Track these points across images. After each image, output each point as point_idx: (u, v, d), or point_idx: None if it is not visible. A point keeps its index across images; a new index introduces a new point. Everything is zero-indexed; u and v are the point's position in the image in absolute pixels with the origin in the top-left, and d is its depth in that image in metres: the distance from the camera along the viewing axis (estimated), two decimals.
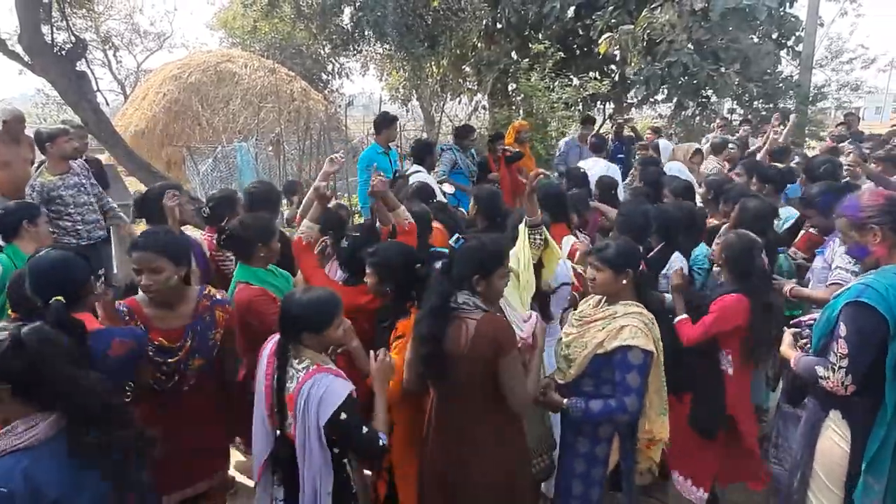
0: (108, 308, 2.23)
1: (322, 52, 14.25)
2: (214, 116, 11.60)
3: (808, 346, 2.33)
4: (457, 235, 2.23)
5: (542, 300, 3.04)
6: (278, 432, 2.10)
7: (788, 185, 4.67)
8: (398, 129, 5.92)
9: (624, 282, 2.42)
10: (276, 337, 2.16)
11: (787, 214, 3.94)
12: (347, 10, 11.13)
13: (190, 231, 3.85)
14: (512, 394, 2.08)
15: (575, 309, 2.86)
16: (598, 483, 2.50)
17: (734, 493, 3.21)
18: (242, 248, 2.85)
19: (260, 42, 14.40)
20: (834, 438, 2.14)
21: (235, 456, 3.31)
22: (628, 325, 2.31)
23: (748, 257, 2.84)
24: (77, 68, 7.69)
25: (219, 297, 2.53)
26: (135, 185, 8.72)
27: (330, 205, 3.35)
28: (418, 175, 5.17)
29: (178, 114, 12.25)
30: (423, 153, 5.67)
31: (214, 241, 3.31)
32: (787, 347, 2.44)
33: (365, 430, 2.04)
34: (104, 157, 11.34)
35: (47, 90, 17.11)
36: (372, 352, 2.25)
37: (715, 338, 2.85)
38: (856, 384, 2.04)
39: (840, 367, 2.05)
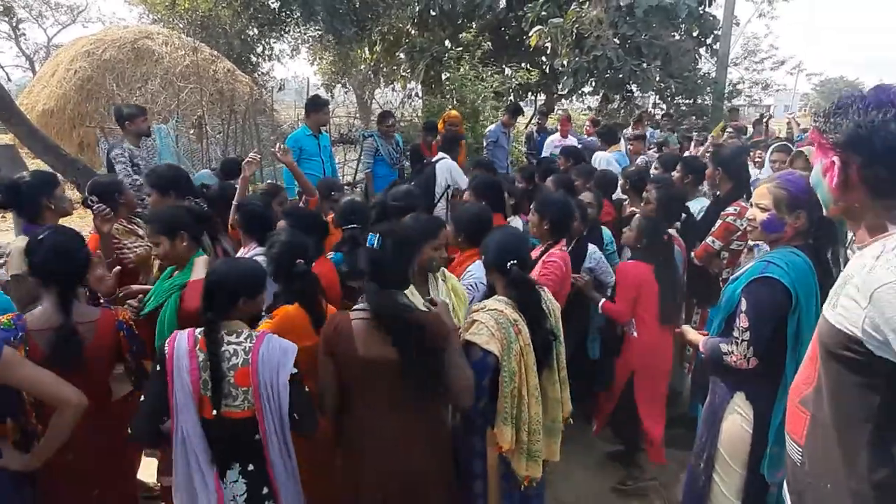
0: None
1: (250, 32, 13.74)
2: (131, 96, 10.91)
3: None
4: (372, 235, 2.08)
5: None
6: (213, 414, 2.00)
7: None
8: (329, 115, 5.79)
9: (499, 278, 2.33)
10: (183, 333, 2.07)
11: (702, 205, 4.13)
12: None
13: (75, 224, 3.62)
14: (459, 383, 2.01)
15: None
16: (480, 476, 2.32)
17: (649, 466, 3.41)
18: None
19: (183, 19, 13.71)
20: (737, 420, 2.23)
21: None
22: (477, 321, 2.20)
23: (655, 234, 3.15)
24: None
25: None
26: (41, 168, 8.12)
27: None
28: (443, 162, 5.28)
29: (91, 93, 11.48)
30: (450, 144, 5.71)
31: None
32: (693, 334, 2.53)
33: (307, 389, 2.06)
34: (7, 138, 10.55)
35: None
36: None
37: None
38: (758, 357, 2.12)
39: (742, 341, 2.12)
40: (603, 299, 3.31)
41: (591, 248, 3.62)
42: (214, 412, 1.96)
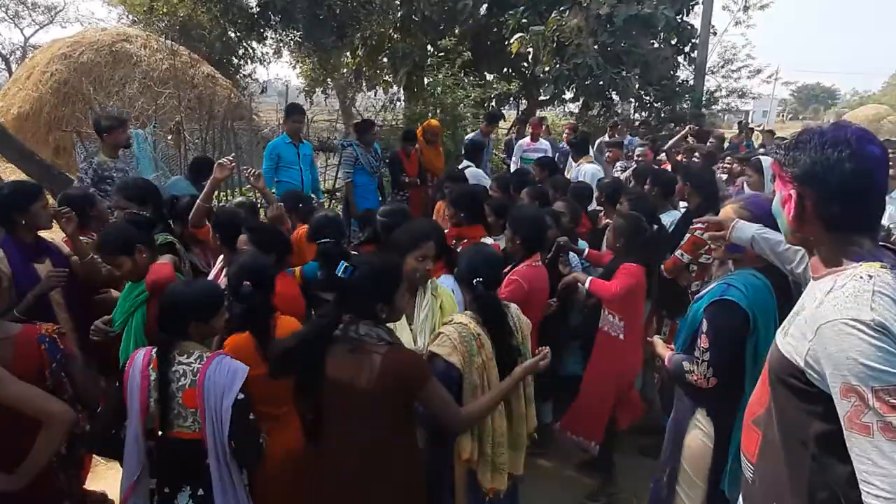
0: None
1: (231, 35, 13.67)
2: (108, 100, 10.80)
3: None
4: (343, 264, 1.98)
5: None
6: (157, 435, 2.03)
7: None
8: (306, 121, 5.75)
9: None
10: (142, 351, 2.10)
11: (673, 218, 4.20)
12: None
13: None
14: (448, 419, 2.02)
15: None
16: (448, 489, 2.33)
17: (621, 477, 3.48)
18: None
19: (162, 22, 13.59)
20: (699, 435, 2.27)
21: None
22: (442, 333, 2.22)
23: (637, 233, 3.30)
24: None
25: None
26: (13, 175, 8.01)
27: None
28: (469, 171, 5.33)
29: (68, 96, 11.31)
30: (475, 152, 5.76)
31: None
32: (661, 348, 2.55)
33: (252, 417, 2.04)
34: None
35: None
36: None
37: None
38: (717, 377, 2.17)
39: (703, 361, 2.17)
40: (590, 278, 3.37)
41: (570, 254, 3.72)
42: (160, 432, 2.00)
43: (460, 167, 5.51)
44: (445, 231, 3.04)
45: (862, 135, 1.33)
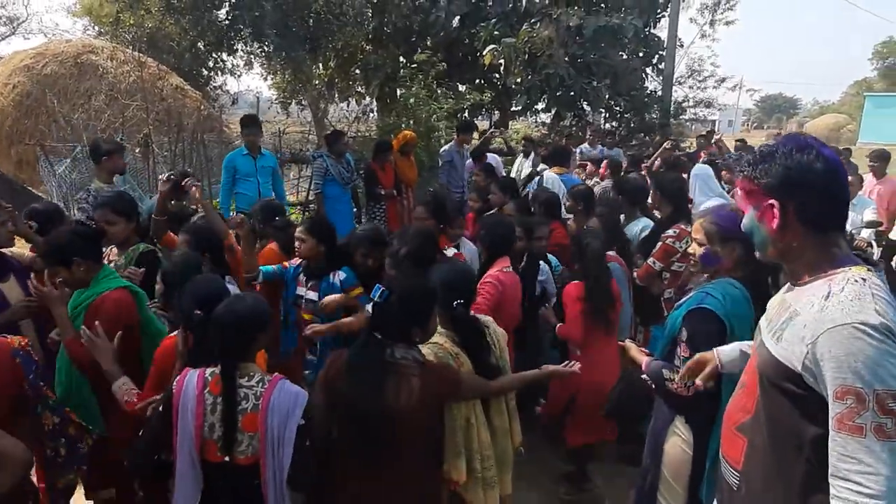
0: None
1: (201, 47, 13.51)
2: (73, 113, 10.56)
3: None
4: (379, 287, 2.00)
5: None
6: (225, 460, 1.95)
7: None
8: (254, 135, 5.65)
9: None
10: (193, 374, 2.00)
11: (643, 224, 4.24)
12: (223, 6, 10.60)
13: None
14: (486, 393, 2.21)
15: None
16: None
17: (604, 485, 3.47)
18: None
19: (130, 33, 13.38)
20: (678, 442, 2.28)
21: None
22: None
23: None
24: None
25: None
26: None
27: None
28: (547, 173, 5.52)
29: (31, 109, 11.02)
30: (558, 155, 5.97)
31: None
32: (635, 351, 2.56)
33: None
34: None
35: None
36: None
37: None
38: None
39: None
40: (559, 324, 3.40)
41: (542, 265, 3.73)
42: (226, 458, 1.92)
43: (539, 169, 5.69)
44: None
45: (818, 141, 1.42)
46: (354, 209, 6.67)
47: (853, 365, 1.21)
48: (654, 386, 2.36)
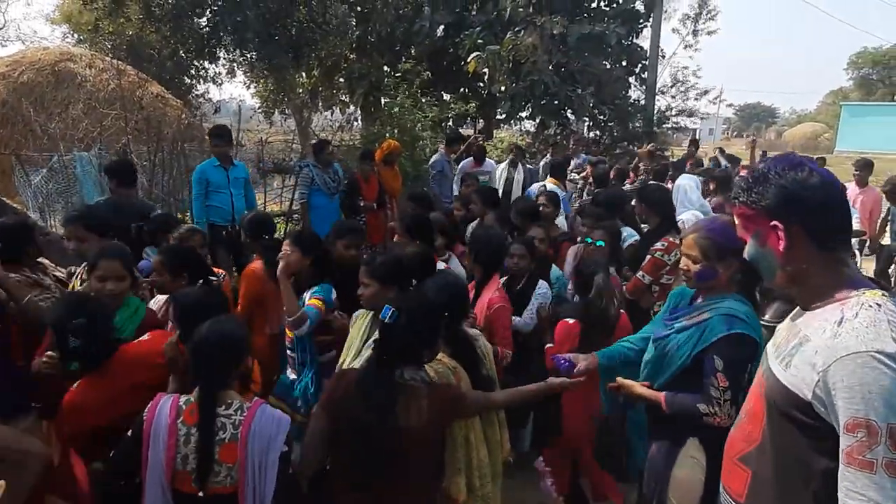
0: None
1: (182, 55, 13.35)
2: (50, 122, 10.34)
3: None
4: (388, 308, 1.95)
5: None
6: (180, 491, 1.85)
7: None
8: (222, 147, 5.49)
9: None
10: (166, 402, 1.90)
11: (626, 234, 4.21)
12: (205, 13, 10.48)
13: None
14: (489, 409, 2.22)
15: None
16: None
17: None
18: None
19: (109, 41, 13.18)
20: (692, 466, 2.14)
21: None
22: None
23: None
24: None
25: None
26: None
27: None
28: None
29: (6, 118, 10.78)
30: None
31: None
32: (641, 389, 2.32)
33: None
34: None
35: None
36: None
37: None
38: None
39: (725, 401, 2.02)
40: (549, 345, 3.22)
41: (541, 283, 3.56)
42: (200, 493, 1.82)
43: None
44: None
45: (807, 158, 1.41)
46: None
47: (867, 396, 1.14)
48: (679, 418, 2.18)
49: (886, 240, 5.91)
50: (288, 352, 3.16)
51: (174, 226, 3.63)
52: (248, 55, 11.47)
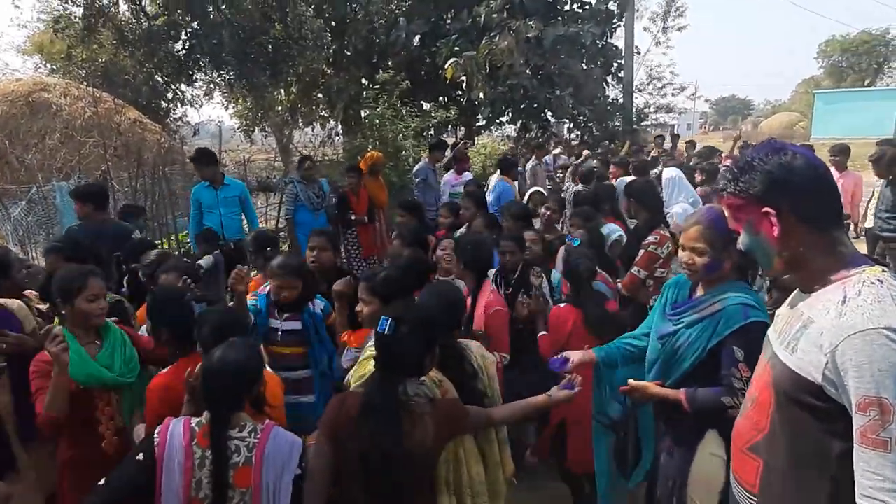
0: None
1: (158, 79, 13.26)
2: (27, 153, 10.20)
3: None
4: (385, 319, 1.89)
5: None
6: None
7: None
8: (206, 169, 5.54)
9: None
10: (178, 423, 1.84)
11: (609, 230, 4.20)
12: (180, 37, 10.43)
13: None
14: (490, 424, 2.12)
15: None
16: None
17: None
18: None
19: (83, 68, 13.06)
20: (712, 459, 2.10)
21: None
22: None
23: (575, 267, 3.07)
24: None
25: None
26: None
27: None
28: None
29: None
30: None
31: None
32: (657, 389, 2.23)
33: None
34: None
35: None
36: None
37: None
38: None
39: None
40: (543, 332, 3.24)
41: (535, 269, 3.57)
42: None
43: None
44: None
45: (786, 142, 1.41)
46: None
47: (877, 374, 1.13)
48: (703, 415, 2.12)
49: (869, 222, 5.96)
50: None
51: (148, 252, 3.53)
52: (226, 76, 11.43)
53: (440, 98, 14.00)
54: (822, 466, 1.27)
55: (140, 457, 1.79)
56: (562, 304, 3.11)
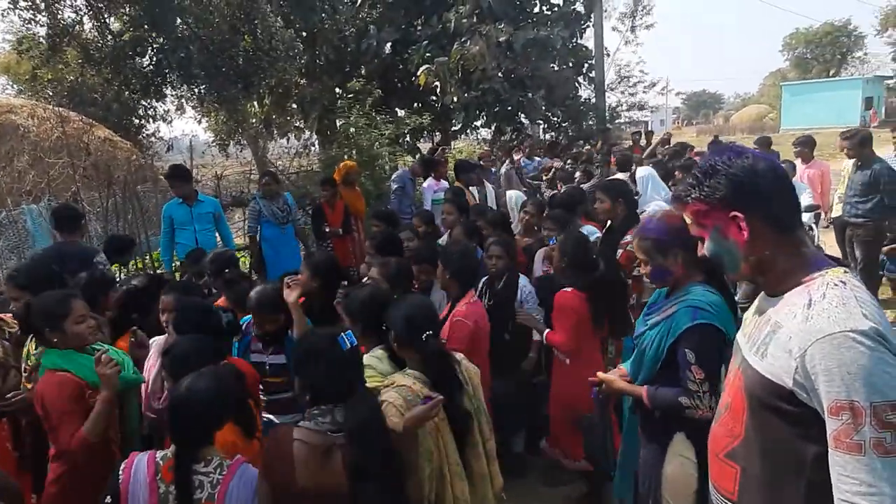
0: None
1: (128, 95, 13.07)
2: None
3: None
4: (343, 336, 1.88)
5: None
6: None
7: None
8: (180, 187, 5.46)
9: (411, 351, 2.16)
10: (142, 458, 1.80)
11: (587, 232, 4.23)
12: (147, 52, 10.30)
13: None
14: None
15: None
16: None
17: None
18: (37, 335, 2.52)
19: (49, 88, 12.82)
20: (682, 462, 2.12)
21: None
22: (385, 401, 1.95)
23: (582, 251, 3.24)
24: None
25: None
26: None
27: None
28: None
29: None
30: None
31: None
32: (621, 383, 2.32)
33: None
34: None
35: None
36: None
37: None
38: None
39: (704, 392, 2.02)
40: (547, 330, 3.33)
41: (522, 280, 3.68)
42: None
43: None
44: None
45: (741, 145, 1.47)
46: (302, 248, 6.45)
47: (846, 377, 1.13)
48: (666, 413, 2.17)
49: (836, 211, 6.07)
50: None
51: (111, 284, 3.38)
52: (196, 90, 11.29)
53: (414, 104, 13.99)
54: (798, 471, 1.27)
55: (108, 500, 1.76)
56: (567, 289, 3.20)
